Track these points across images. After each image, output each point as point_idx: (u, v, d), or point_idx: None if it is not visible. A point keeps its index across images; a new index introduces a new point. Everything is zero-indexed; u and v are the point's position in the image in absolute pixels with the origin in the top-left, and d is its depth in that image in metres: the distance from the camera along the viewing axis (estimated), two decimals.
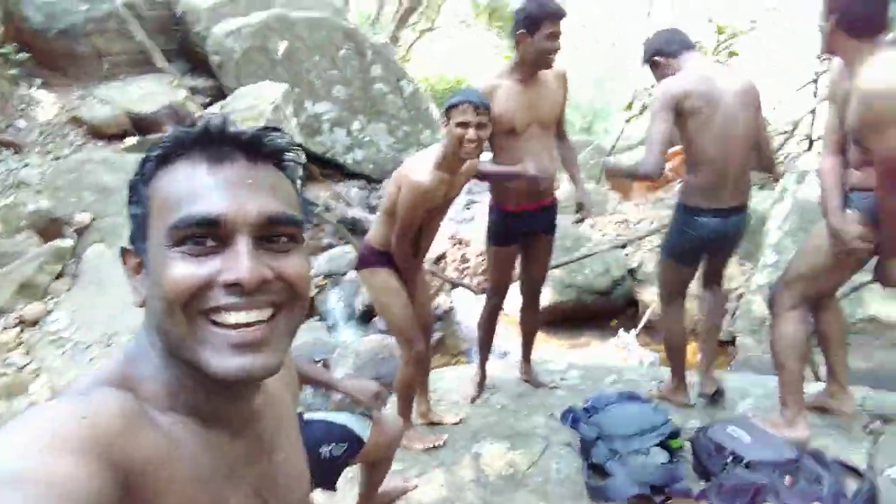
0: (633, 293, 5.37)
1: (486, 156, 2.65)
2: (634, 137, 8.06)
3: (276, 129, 0.71)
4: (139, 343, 0.72)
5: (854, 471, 2.20)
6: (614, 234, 5.89)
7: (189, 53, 7.88)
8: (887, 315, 4.26)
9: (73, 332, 3.95)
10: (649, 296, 5.28)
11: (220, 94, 7.59)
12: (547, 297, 4.75)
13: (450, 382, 3.24)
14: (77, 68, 7.14)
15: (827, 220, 2.26)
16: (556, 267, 4.79)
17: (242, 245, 0.64)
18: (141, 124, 6.65)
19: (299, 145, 0.75)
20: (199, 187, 0.65)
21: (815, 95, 6.13)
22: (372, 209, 6.62)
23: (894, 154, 1.98)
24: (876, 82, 1.97)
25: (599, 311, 5.19)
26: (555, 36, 2.48)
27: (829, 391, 2.65)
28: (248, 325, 0.64)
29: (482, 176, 2.66)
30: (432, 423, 2.82)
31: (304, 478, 0.88)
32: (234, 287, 0.63)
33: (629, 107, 7.16)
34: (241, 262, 0.63)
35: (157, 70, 7.30)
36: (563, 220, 4.67)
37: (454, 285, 5.44)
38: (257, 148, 0.68)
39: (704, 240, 2.59)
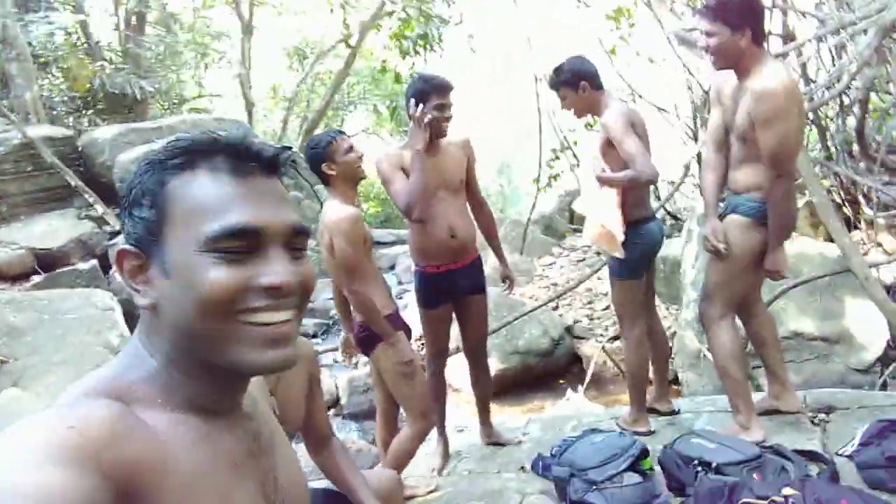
0: (575, 349, 5.49)
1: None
2: (546, 210, 8.51)
3: (286, 148, 0.77)
4: (133, 348, 0.73)
5: (813, 456, 2.29)
6: (544, 297, 6.07)
7: (93, 186, 7.75)
8: (807, 329, 4.56)
9: None
10: (590, 349, 5.41)
11: None
12: (493, 365, 4.76)
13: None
14: None
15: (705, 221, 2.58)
16: (494, 332, 4.85)
17: (278, 252, 0.70)
18: (48, 260, 6.39)
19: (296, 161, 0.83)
20: (232, 197, 0.69)
21: (695, 140, 6.76)
22: None
23: (780, 144, 2.28)
24: (771, 82, 2.30)
25: (546, 373, 5.24)
26: (443, 107, 2.66)
27: (773, 394, 2.78)
28: (276, 323, 0.69)
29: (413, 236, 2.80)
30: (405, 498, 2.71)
31: (304, 485, 0.88)
32: (273, 290, 0.68)
33: (537, 180, 7.60)
34: (281, 268, 0.69)
35: (59, 207, 7.11)
36: (495, 292, 4.80)
37: None
38: (275, 164, 0.74)
39: (652, 245, 2.81)
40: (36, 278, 6.22)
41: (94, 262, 6.55)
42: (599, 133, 2.81)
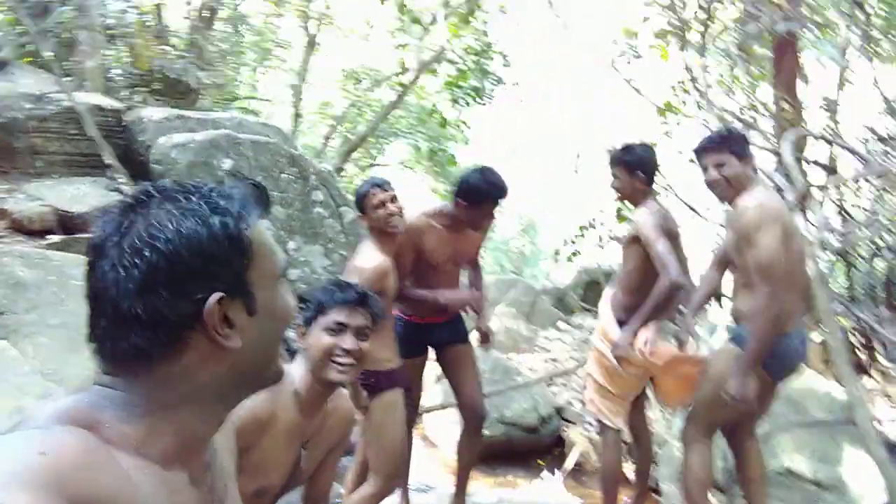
0: (560, 432, 5.37)
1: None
2: (560, 282, 8.48)
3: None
4: (110, 392, 0.71)
5: None
6: (543, 370, 5.99)
7: (129, 161, 7.86)
8: (800, 468, 4.43)
9: None
10: (576, 436, 5.28)
11: None
12: None
13: None
14: (9, 163, 6.96)
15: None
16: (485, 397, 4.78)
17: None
18: (68, 223, 6.43)
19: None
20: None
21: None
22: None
23: (759, 260, 2.30)
24: (749, 200, 2.39)
25: (527, 449, 5.12)
26: (492, 214, 2.70)
27: None
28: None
29: (403, 296, 2.78)
30: None
31: None
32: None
33: (556, 254, 7.60)
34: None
35: (94, 174, 7.21)
36: (494, 353, 4.75)
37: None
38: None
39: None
40: (53, 237, 6.25)
41: None
42: (629, 228, 2.84)
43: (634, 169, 2.77)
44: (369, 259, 2.47)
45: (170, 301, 0.69)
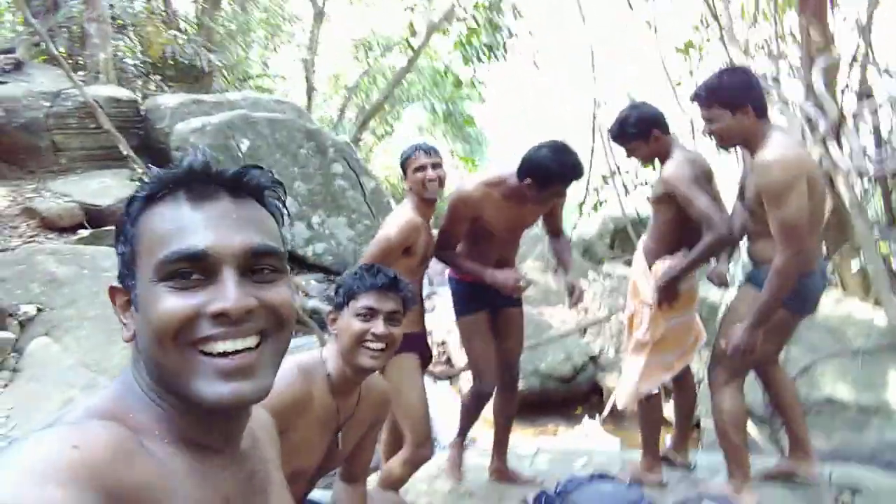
0: (597, 380, 5.37)
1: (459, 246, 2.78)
2: (587, 233, 8.37)
3: (257, 167, 0.74)
4: (126, 379, 0.72)
5: None
6: (574, 322, 5.96)
7: (150, 150, 7.97)
8: (841, 395, 4.35)
9: (9, 429, 3.68)
10: (613, 382, 5.28)
11: None
12: None
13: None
14: (34, 161, 7.11)
15: None
16: None
17: (228, 277, 0.66)
18: (96, 216, 6.57)
19: (280, 183, 0.78)
20: (184, 223, 0.67)
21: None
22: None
23: (784, 218, 2.17)
24: (771, 155, 2.20)
25: (563, 399, 5.15)
26: (561, 193, 2.58)
27: (792, 458, 2.68)
28: (235, 352, 0.66)
29: (450, 260, 2.73)
30: None
31: None
32: (221, 317, 0.65)
33: (582, 204, 7.49)
34: (227, 292, 0.66)
35: (115, 166, 7.32)
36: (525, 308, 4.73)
37: None
38: (240, 185, 0.71)
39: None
40: (82, 232, 6.41)
41: None
42: (658, 185, 2.68)
43: (647, 133, 2.58)
44: (399, 215, 2.47)
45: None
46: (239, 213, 0.70)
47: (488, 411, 5.12)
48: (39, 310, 4.88)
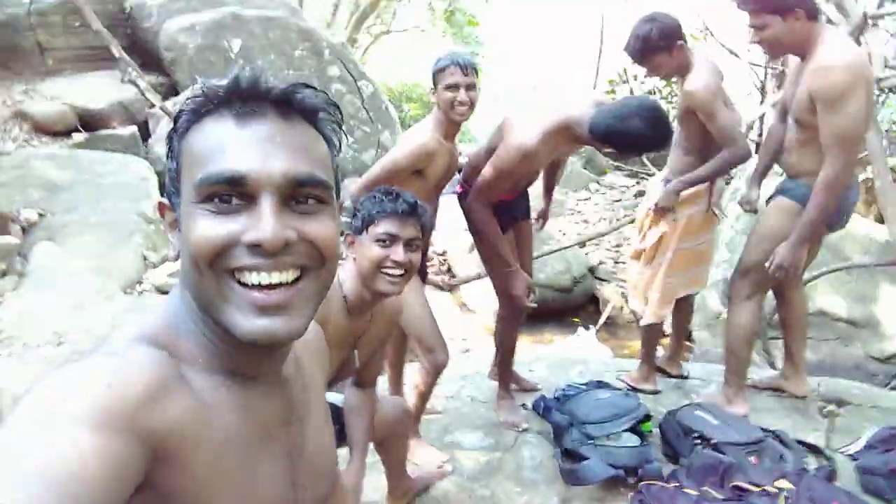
0: (594, 290, 5.48)
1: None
2: None
3: (310, 87, 0.68)
4: (173, 300, 0.70)
5: (814, 449, 2.30)
6: (574, 233, 6.00)
7: (138, 50, 7.64)
8: (833, 309, 4.48)
9: (20, 331, 3.76)
10: (609, 292, 5.40)
11: (172, 90, 7.39)
12: None
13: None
14: (19, 62, 6.83)
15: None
16: None
17: (266, 205, 0.62)
18: (89, 120, 6.41)
19: (336, 105, 0.72)
20: (226, 143, 0.63)
21: (761, 102, 6.40)
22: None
23: (842, 126, 2.10)
24: (833, 58, 2.10)
25: (561, 308, 5.27)
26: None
27: (784, 374, 2.77)
28: (270, 286, 0.63)
29: (485, 229, 2.55)
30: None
31: (332, 450, 0.88)
32: (256, 248, 0.62)
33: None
34: (263, 222, 0.62)
35: (105, 67, 7.05)
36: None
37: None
38: (289, 104, 0.66)
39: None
40: (77, 136, 6.28)
41: (134, 128, 6.56)
42: (681, 98, 2.58)
43: (671, 46, 2.43)
44: (414, 136, 2.28)
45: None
46: (286, 135, 0.65)
47: (488, 318, 5.23)
48: (40, 215, 4.87)
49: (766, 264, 2.36)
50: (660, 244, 2.71)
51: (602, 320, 5.13)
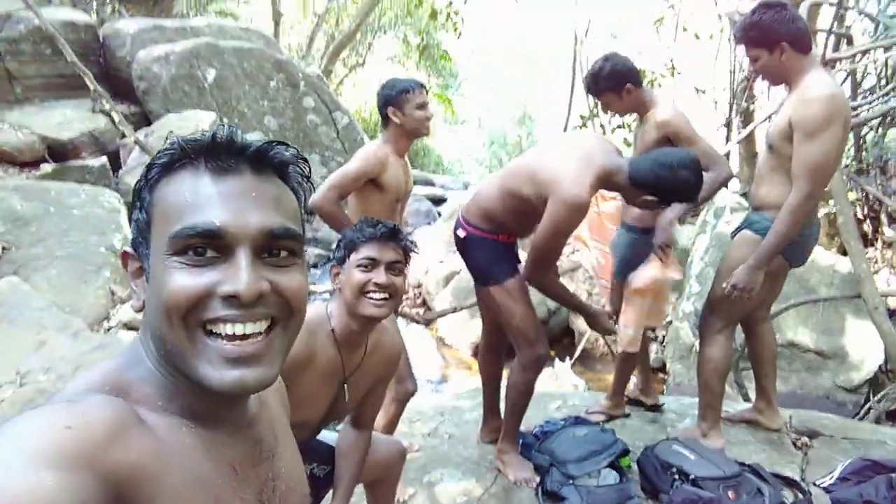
0: (569, 323, 5.51)
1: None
2: None
3: (282, 144, 0.70)
4: (135, 348, 0.71)
5: (791, 482, 2.33)
6: None
7: (111, 79, 7.59)
8: (802, 340, 4.57)
9: None
10: (583, 325, 5.43)
11: (144, 120, 7.34)
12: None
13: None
14: None
15: None
16: None
17: (242, 258, 0.64)
18: (58, 151, 6.32)
19: (305, 159, 0.74)
20: (201, 197, 0.64)
21: (726, 140, 6.60)
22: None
23: (816, 158, 2.18)
24: (815, 90, 2.19)
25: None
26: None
27: (756, 407, 2.81)
28: (244, 337, 0.65)
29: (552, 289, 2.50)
30: None
31: (304, 490, 0.87)
32: (232, 299, 0.63)
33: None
34: (240, 274, 0.63)
35: (76, 96, 6.97)
36: None
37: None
38: (263, 160, 0.68)
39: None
40: (45, 167, 6.17)
41: (105, 159, 6.47)
42: (652, 131, 2.65)
43: (619, 87, 2.54)
44: (369, 145, 2.43)
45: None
46: (259, 190, 0.67)
47: (464, 350, 5.20)
48: (5, 249, 4.75)
49: (724, 285, 2.42)
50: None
51: (578, 352, 5.15)
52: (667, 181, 2.10)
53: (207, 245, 0.63)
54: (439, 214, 7.87)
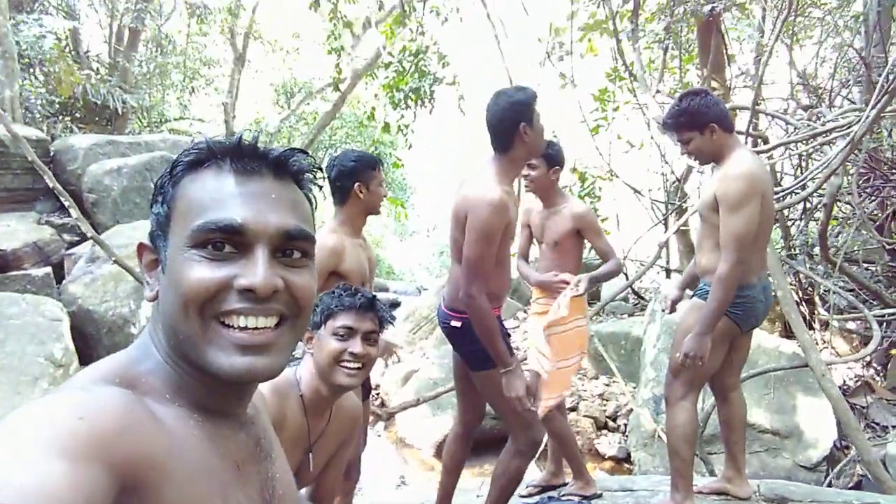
0: None
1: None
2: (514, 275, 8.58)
3: (302, 151, 0.76)
4: (144, 340, 0.72)
5: None
6: None
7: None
8: (759, 421, 4.64)
9: None
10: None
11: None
12: (446, 423, 4.69)
13: None
14: None
15: None
16: (448, 391, 4.79)
17: (260, 254, 0.68)
18: (2, 261, 6.12)
19: (320, 168, 0.80)
20: (226, 195, 0.69)
21: (665, 230, 6.99)
22: None
23: (738, 228, 2.35)
24: (738, 167, 2.40)
25: (499, 436, 5.16)
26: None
27: (726, 476, 2.80)
28: (255, 329, 0.68)
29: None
30: None
31: (297, 497, 0.87)
32: (248, 292, 0.67)
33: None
34: (257, 269, 0.67)
35: (21, 209, 6.89)
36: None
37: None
38: (283, 166, 0.73)
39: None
40: None
41: (49, 269, 6.31)
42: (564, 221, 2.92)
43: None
44: (323, 237, 2.26)
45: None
46: (279, 192, 0.71)
47: (426, 451, 5.04)
48: None
49: (676, 355, 2.50)
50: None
51: (541, 447, 5.04)
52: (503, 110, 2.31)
53: (227, 241, 0.67)
54: (394, 318, 7.84)
